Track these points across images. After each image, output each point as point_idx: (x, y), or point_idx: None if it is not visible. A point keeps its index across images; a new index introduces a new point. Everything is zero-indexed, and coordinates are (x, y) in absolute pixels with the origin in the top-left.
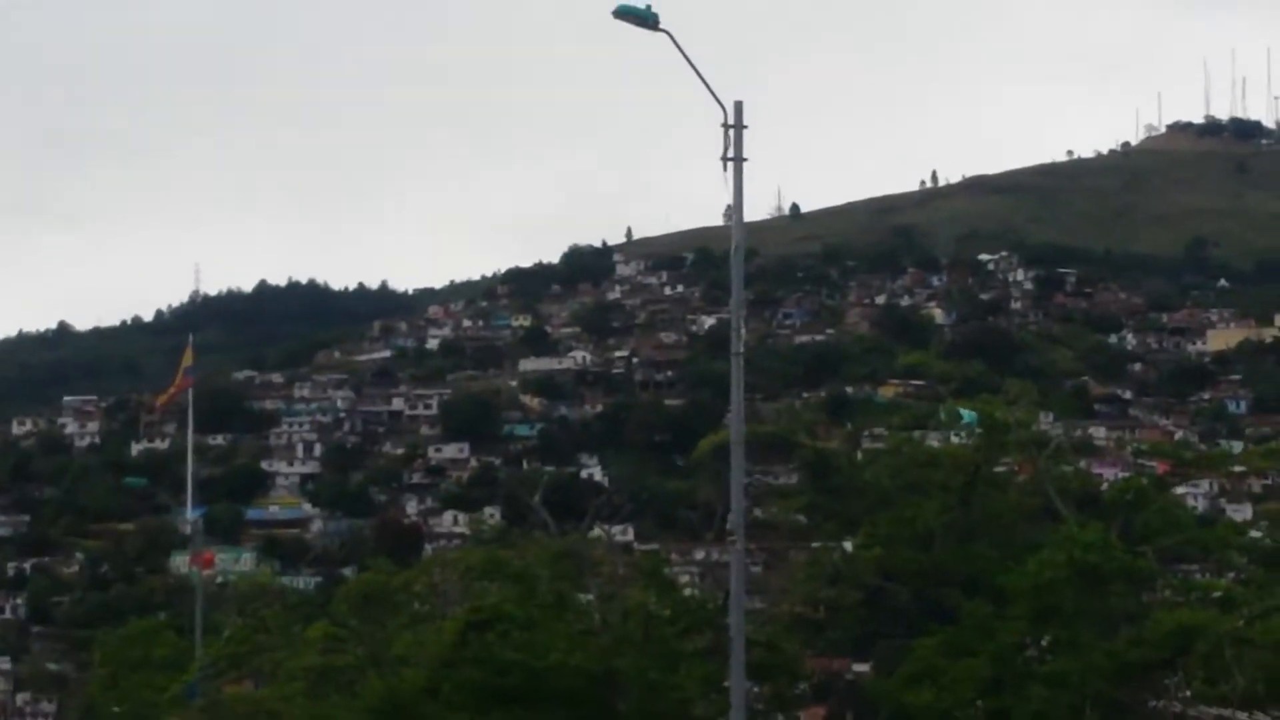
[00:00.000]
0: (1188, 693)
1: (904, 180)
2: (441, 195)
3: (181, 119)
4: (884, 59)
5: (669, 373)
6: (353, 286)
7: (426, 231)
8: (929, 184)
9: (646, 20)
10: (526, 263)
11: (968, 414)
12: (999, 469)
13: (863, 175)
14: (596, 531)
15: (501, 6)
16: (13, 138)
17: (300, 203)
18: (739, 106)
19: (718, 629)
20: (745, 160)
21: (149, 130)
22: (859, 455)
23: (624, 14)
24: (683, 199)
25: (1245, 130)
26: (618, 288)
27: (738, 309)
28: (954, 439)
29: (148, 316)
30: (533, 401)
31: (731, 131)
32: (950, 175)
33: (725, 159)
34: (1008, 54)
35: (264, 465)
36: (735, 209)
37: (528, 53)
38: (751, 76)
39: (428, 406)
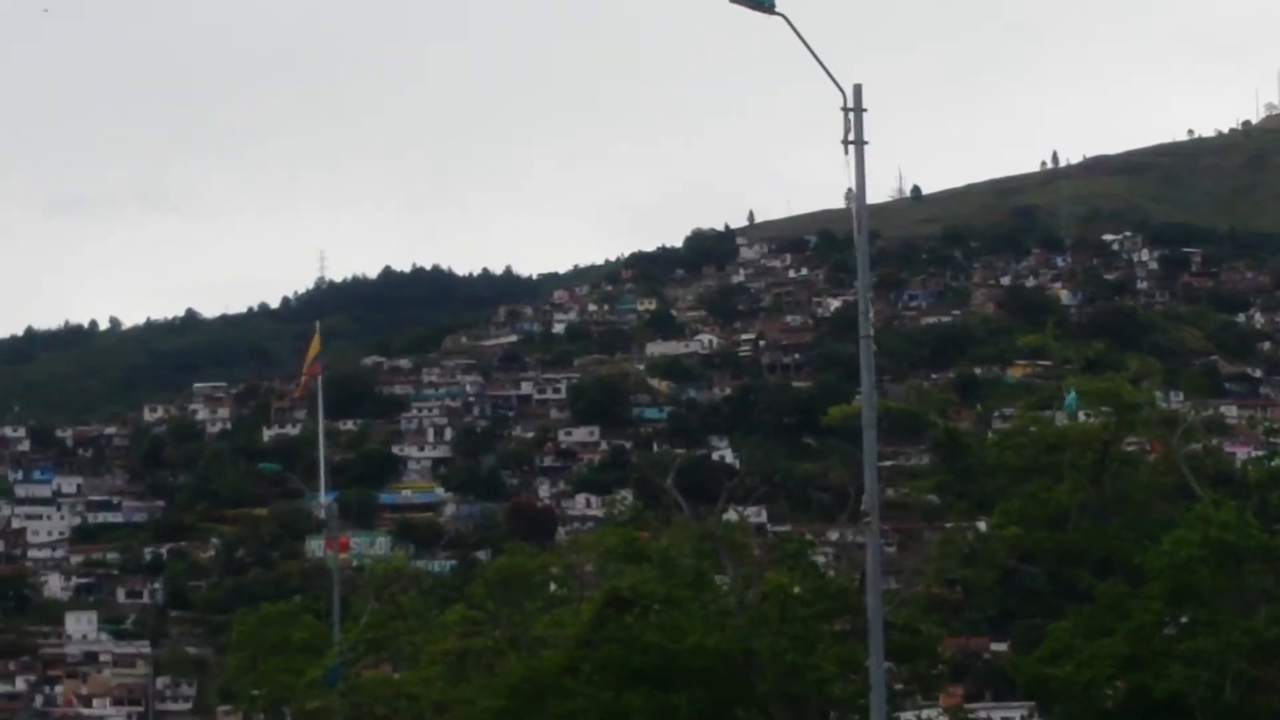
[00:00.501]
0: None
1: (1024, 161)
2: (564, 180)
3: (307, 107)
4: (1004, 39)
5: (795, 355)
6: (477, 272)
7: (550, 216)
8: (1049, 164)
9: (763, 4)
10: (650, 247)
11: (1070, 397)
12: (1129, 448)
13: (983, 156)
14: (730, 513)
15: None
16: (141, 128)
17: (424, 188)
18: (858, 89)
19: (855, 611)
20: (866, 143)
21: (274, 118)
22: (989, 435)
23: None
24: (803, 182)
25: None
26: (741, 271)
27: (864, 291)
28: (1081, 417)
29: (274, 303)
30: (661, 385)
31: (851, 115)
32: (1070, 155)
33: (846, 142)
34: (1128, 34)
35: (395, 450)
36: (857, 192)
37: (648, 38)
38: (870, 58)
39: (556, 390)
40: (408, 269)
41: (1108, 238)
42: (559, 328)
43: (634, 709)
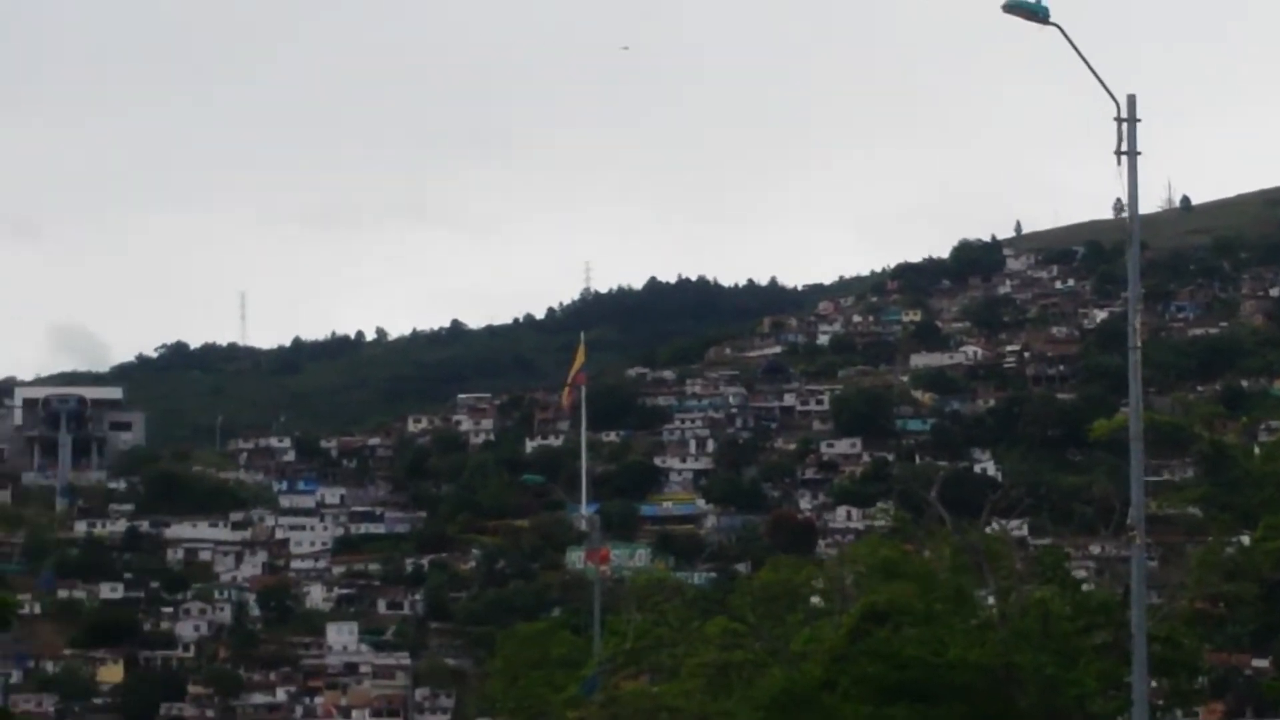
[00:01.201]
0: None
1: None
2: (830, 190)
3: (570, 116)
4: (1278, 45)
5: (1061, 367)
6: (742, 283)
7: (814, 227)
8: None
9: (1037, 14)
10: (915, 257)
11: None
12: None
13: (1255, 166)
14: (993, 526)
15: (890, 1)
16: (407, 138)
17: (689, 199)
18: (1132, 100)
19: (1116, 625)
20: (1139, 154)
21: (538, 128)
22: (1255, 448)
23: (1014, 9)
24: (1072, 192)
25: None
26: (1008, 282)
27: (1134, 303)
28: None
29: (539, 314)
30: (924, 396)
31: (1124, 125)
32: None
33: (1119, 153)
34: None
35: (657, 461)
36: (1130, 204)
37: (918, 45)
38: (1141, 65)
39: (819, 402)
40: (673, 280)
41: None
42: (823, 339)
43: None
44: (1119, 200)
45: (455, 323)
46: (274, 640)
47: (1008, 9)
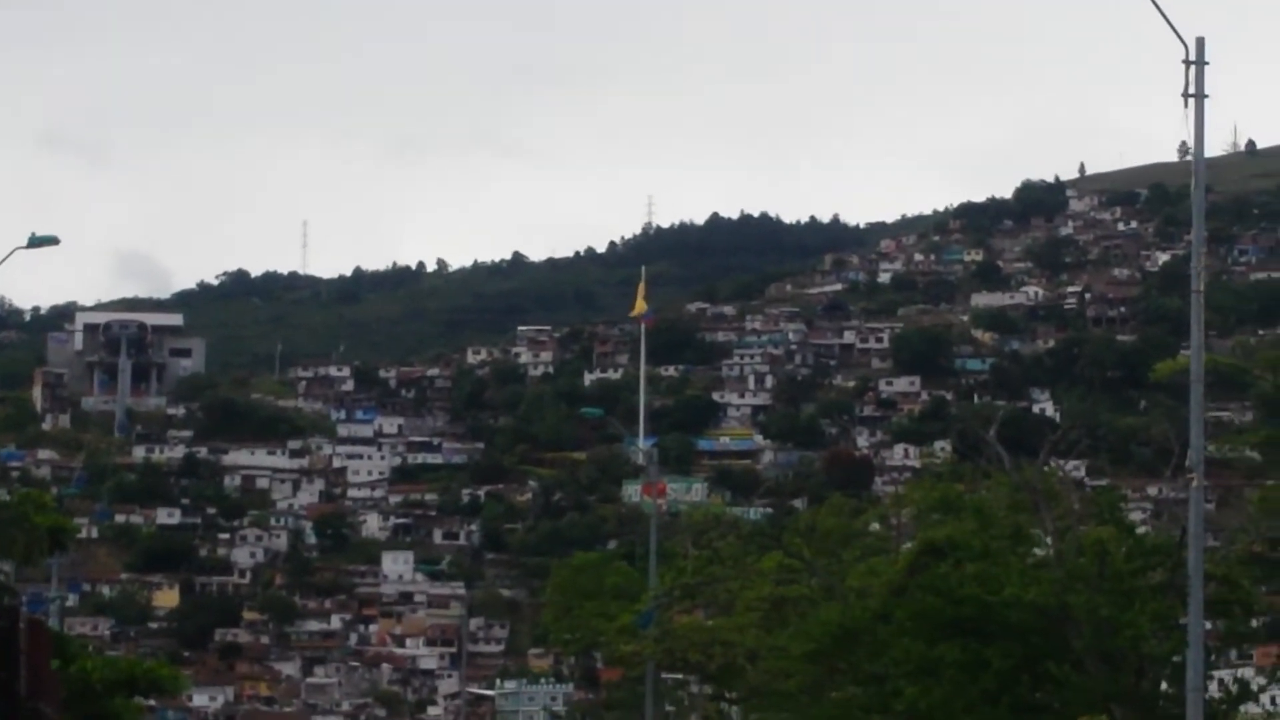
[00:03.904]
0: None
1: None
2: (893, 129)
3: (636, 50)
4: None
5: (1121, 309)
6: (804, 220)
7: (878, 165)
8: None
9: None
10: (978, 197)
11: None
12: None
13: None
14: (1050, 466)
15: None
16: (474, 70)
17: (753, 135)
18: (1200, 42)
19: (1173, 566)
20: (1206, 97)
21: (604, 61)
22: None
23: None
24: (1137, 134)
25: None
26: (1070, 223)
27: (1198, 246)
28: None
29: (601, 248)
30: (984, 336)
31: (1192, 68)
32: None
33: (1186, 95)
34: None
35: (715, 397)
36: (1195, 147)
37: None
38: (1209, 7)
39: (879, 340)
40: (735, 216)
41: None
42: (884, 277)
43: (947, 660)
44: (1184, 143)
45: (516, 255)
46: (329, 568)
47: None
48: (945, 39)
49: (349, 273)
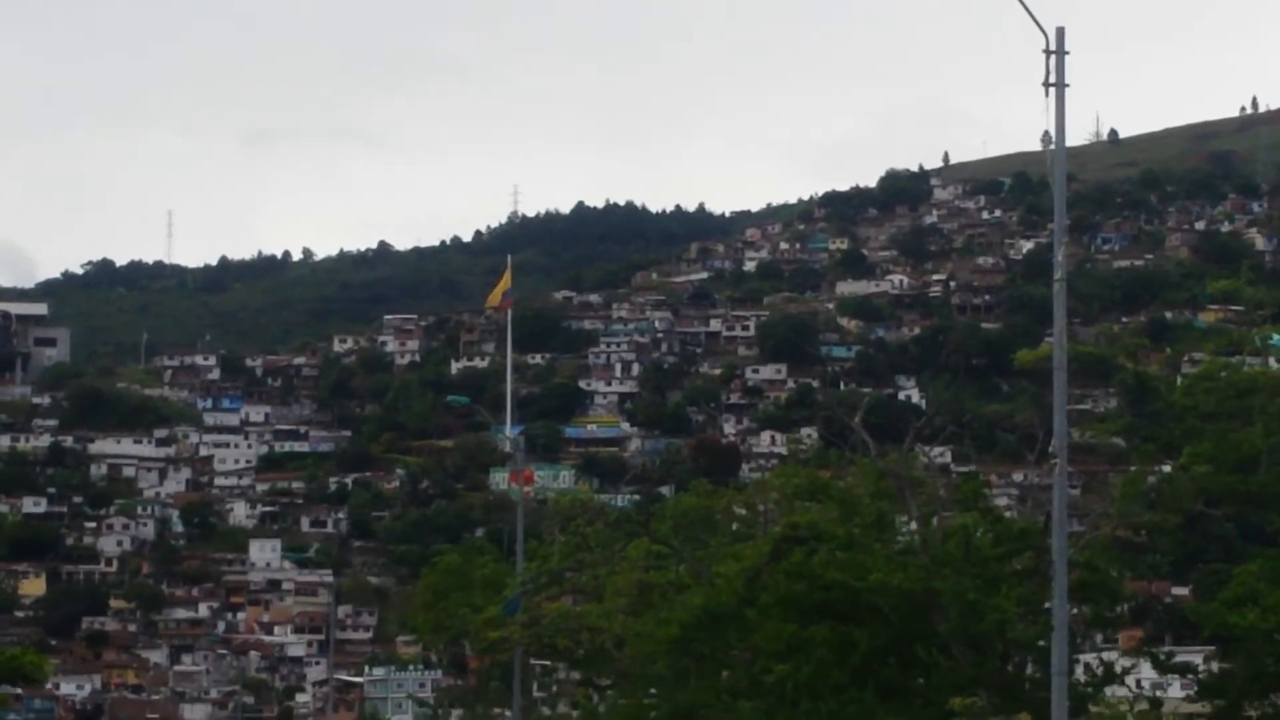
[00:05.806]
0: None
1: (1223, 106)
2: (758, 118)
3: (500, 40)
4: None
5: (986, 297)
6: (670, 208)
7: (743, 154)
8: (1248, 110)
9: None
10: (843, 186)
11: (1277, 338)
12: None
13: (1181, 100)
14: (915, 452)
15: None
16: (336, 60)
17: (619, 124)
18: (1060, 32)
19: (1037, 551)
20: (1066, 86)
21: (468, 52)
22: (1179, 379)
23: None
24: (1000, 124)
25: None
26: (934, 212)
27: (1060, 235)
28: (1274, 364)
29: (467, 237)
30: (850, 324)
31: (1052, 57)
32: (1270, 101)
33: (1046, 85)
34: None
35: (582, 384)
36: (1056, 136)
37: None
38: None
39: (745, 328)
40: (601, 205)
41: None
42: (750, 265)
43: (816, 641)
44: (1046, 133)
45: (382, 244)
46: (196, 556)
47: None
48: (810, 28)
49: (214, 262)
